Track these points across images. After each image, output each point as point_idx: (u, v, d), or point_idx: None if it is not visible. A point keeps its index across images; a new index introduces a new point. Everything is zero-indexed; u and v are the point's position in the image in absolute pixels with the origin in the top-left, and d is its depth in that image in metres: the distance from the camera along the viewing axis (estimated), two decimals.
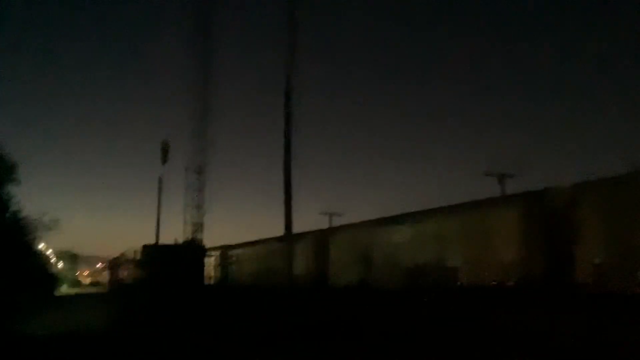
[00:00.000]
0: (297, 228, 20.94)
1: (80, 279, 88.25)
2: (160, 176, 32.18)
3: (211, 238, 33.64)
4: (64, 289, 53.05)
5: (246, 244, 30.38)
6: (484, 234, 13.57)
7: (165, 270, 21.88)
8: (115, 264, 43.47)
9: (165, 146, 30.35)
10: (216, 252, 32.57)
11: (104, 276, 65.01)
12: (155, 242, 29.38)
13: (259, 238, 28.71)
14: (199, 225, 25.54)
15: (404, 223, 16.39)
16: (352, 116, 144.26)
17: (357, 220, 20.49)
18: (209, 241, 27.72)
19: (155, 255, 23.56)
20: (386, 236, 17.17)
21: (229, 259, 32.03)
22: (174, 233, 28.99)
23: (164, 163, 30.77)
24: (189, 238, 25.39)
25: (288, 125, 18.68)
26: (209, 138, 25.95)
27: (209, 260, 30.09)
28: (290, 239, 19.12)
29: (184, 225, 25.62)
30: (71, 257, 72.08)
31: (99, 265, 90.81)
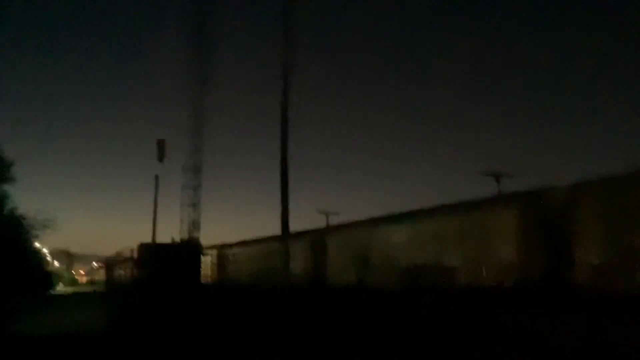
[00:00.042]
0: (294, 227, 20.92)
1: (77, 277, 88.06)
2: (156, 174, 32.12)
3: (208, 237, 33.52)
4: (60, 288, 52.89)
5: (243, 243, 30.27)
6: (481, 234, 13.51)
7: (161, 268, 21.79)
8: (111, 263, 43.30)
9: (162, 144, 30.26)
10: (213, 251, 32.47)
11: (100, 275, 64.87)
12: (151, 241, 29.29)
13: (257, 237, 28.64)
14: (196, 224, 25.53)
15: (403, 222, 16.32)
16: (349, 115, 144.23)
17: (354, 219, 20.41)
18: (206, 240, 27.68)
19: (151, 253, 23.45)
20: (385, 235, 17.12)
21: (226, 257, 31.94)
22: (170, 232, 28.89)
23: (161, 161, 30.68)
24: (186, 237, 25.35)
25: (284, 123, 18.64)
26: (206, 137, 25.91)
27: (205, 259, 30.01)
28: (287, 238, 19.08)
29: (181, 224, 25.60)
30: (67, 256, 71.90)
31: (95, 264, 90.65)
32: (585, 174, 12.10)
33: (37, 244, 40.77)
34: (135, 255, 25.09)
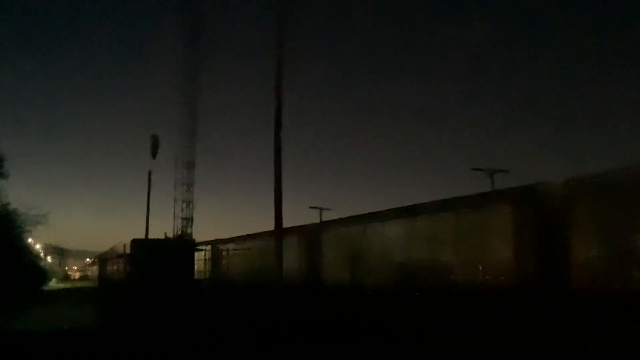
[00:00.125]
0: (287, 222, 20.86)
1: (70, 273, 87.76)
2: (149, 169, 32.03)
3: (201, 233, 33.43)
4: (53, 284, 52.71)
5: (237, 239, 30.23)
6: (477, 230, 13.44)
7: (154, 265, 21.71)
8: (104, 259, 43.18)
9: (155, 140, 30.14)
10: (207, 247, 32.40)
11: (93, 271, 64.65)
12: (144, 237, 29.20)
13: (251, 233, 28.60)
14: (189, 220, 25.46)
15: (398, 218, 16.27)
16: (342, 112, 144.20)
17: (348, 215, 20.40)
18: (199, 236, 27.63)
19: (144, 249, 23.36)
20: (381, 231, 17.09)
21: (220, 253, 31.89)
22: (163, 228, 28.86)
23: (154, 157, 30.57)
24: (179, 233, 25.29)
25: (278, 120, 18.56)
26: (199, 133, 25.85)
27: (199, 255, 29.95)
28: (281, 233, 19.03)
29: (174, 220, 25.54)
30: (60, 252, 71.64)
31: (88, 260, 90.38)
32: (579, 171, 12.08)
33: (30, 240, 40.61)
34: (128, 251, 25.02)
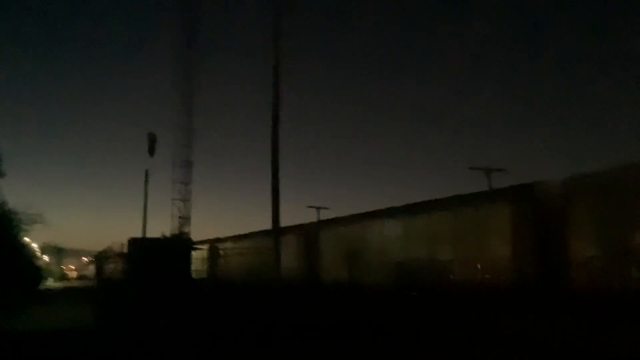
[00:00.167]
0: (285, 222, 20.88)
1: (67, 272, 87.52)
2: (146, 168, 31.93)
3: (199, 232, 33.33)
4: (50, 283, 52.58)
5: (235, 238, 30.25)
6: (475, 228, 13.40)
7: (152, 263, 21.68)
8: (101, 258, 43.10)
9: (152, 138, 30.05)
10: (204, 246, 32.39)
11: (91, 270, 64.51)
12: (142, 236, 29.12)
13: (249, 232, 28.63)
14: (186, 219, 25.40)
15: (397, 216, 16.25)
16: (340, 111, 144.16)
17: (346, 214, 20.40)
18: (196, 235, 27.60)
19: (142, 248, 23.31)
20: (379, 229, 17.07)
21: (217, 252, 31.88)
22: (161, 227, 28.79)
23: (151, 155, 30.48)
24: (176, 232, 25.23)
25: (275, 119, 18.54)
26: (196, 132, 25.79)
27: (197, 253, 29.92)
28: (279, 232, 19.03)
29: (171, 219, 25.48)
30: (57, 251, 71.47)
31: (85, 259, 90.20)
32: (575, 171, 12.07)
33: (27, 239, 40.47)
34: (125, 250, 24.97)
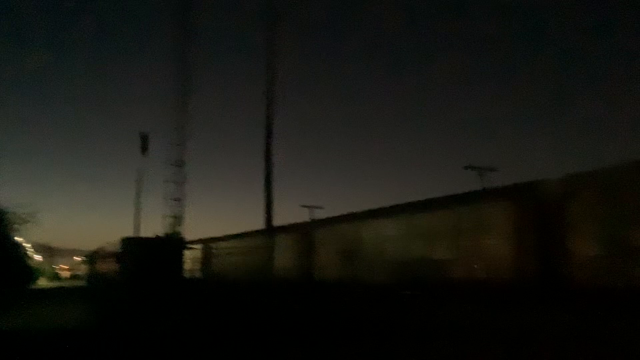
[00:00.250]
0: (278, 221, 20.80)
1: (59, 272, 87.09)
2: (139, 167, 31.80)
3: (192, 232, 33.19)
4: (42, 283, 52.28)
5: (229, 237, 30.11)
6: (473, 228, 13.31)
7: (144, 263, 21.54)
8: (93, 257, 42.86)
9: (144, 137, 29.95)
10: (198, 246, 32.25)
11: (83, 269, 64.21)
12: (134, 235, 28.97)
13: (242, 231, 28.51)
14: (179, 219, 25.27)
15: (393, 215, 16.14)
16: (333, 110, 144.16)
17: (339, 213, 20.30)
18: (189, 234, 27.46)
19: (134, 248, 23.16)
20: (376, 229, 16.97)
21: (211, 252, 31.76)
22: (154, 226, 28.64)
23: (144, 154, 30.38)
24: (169, 231, 25.11)
25: (269, 118, 18.49)
26: (189, 131, 25.67)
27: (190, 253, 29.77)
28: (273, 231, 18.95)
29: (163, 218, 25.35)
30: (49, 250, 71.10)
31: (77, 258, 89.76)
32: (570, 170, 11.98)
33: (19, 238, 40.15)
34: (117, 249, 24.80)
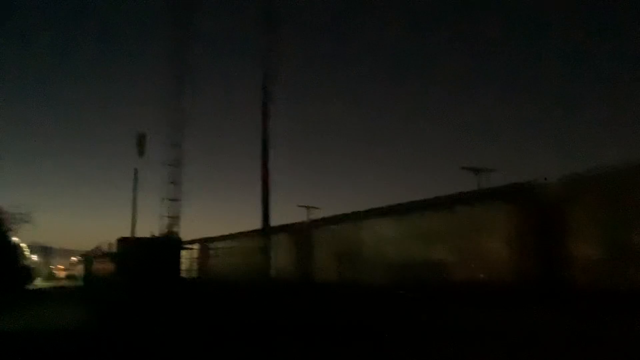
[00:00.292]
0: (275, 221, 20.84)
1: (55, 272, 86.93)
2: (135, 167, 31.80)
3: (189, 232, 33.19)
4: (38, 283, 52.20)
5: (225, 237, 30.09)
6: (470, 229, 13.30)
7: (140, 263, 21.58)
8: (90, 258, 42.84)
9: (142, 138, 29.95)
10: (195, 245, 32.25)
11: (79, 270, 64.08)
12: (131, 235, 29.00)
13: (240, 231, 28.53)
14: (176, 219, 25.31)
15: (392, 215, 16.14)
16: (330, 111, 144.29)
17: (338, 213, 20.31)
18: (186, 235, 27.51)
19: (130, 248, 23.19)
20: (373, 229, 16.98)
21: (208, 252, 31.77)
22: (150, 227, 28.68)
23: (141, 155, 30.38)
24: (165, 231, 25.15)
25: (265, 118, 18.54)
26: (186, 131, 25.74)
27: (186, 253, 29.79)
28: (270, 231, 18.99)
29: (160, 218, 25.38)
30: (45, 250, 71.00)
31: (74, 258, 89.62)
32: (567, 170, 11.92)
33: (15, 239, 40.13)
34: (114, 249, 24.85)
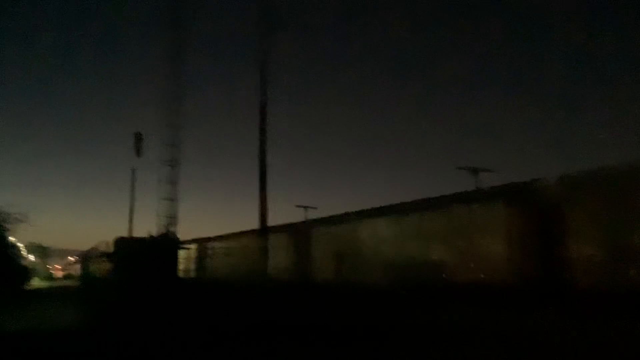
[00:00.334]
0: (273, 221, 20.81)
1: (53, 272, 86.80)
2: (132, 167, 31.72)
3: (186, 232, 33.16)
4: (36, 283, 52.12)
5: (223, 237, 30.03)
6: (469, 229, 13.26)
7: (138, 263, 21.53)
8: (87, 257, 42.74)
9: (139, 138, 29.84)
10: (193, 245, 32.21)
11: (77, 270, 64.00)
12: (128, 235, 28.94)
13: (238, 231, 28.48)
14: (173, 219, 25.23)
15: (390, 215, 16.09)
16: (326, 111, 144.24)
17: (337, 213, 20.25)
18: (184, 235, 27.46)
19: (128, 248, 23.15)
20: (371, 229, 16.93)
21: (206, 252, 31.72)
22: (148, 226, 28.60)
23: (138, 155, 30.28)
24: (163, 231, 25.08)
25: (263, 118, 18.50)
26: (184, 130, 25.69)
27: (184, 253, 29.73)
28: (268, 231, 18.96)
29: (158, 218, 25.31)
30: (42, 250, 70.81)
31: (71, 258, 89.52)
32: (561, 170, 11.90)
33: (12, 238, 40.01)
34: (111, 249, 24.79)
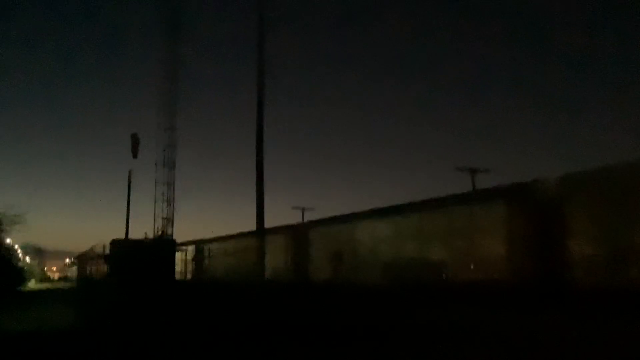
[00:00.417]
0: (270, 222, 20.78)
1: (49, 274, 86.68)
2: (129, 169, 31.61)
3: (183, 233, 33.04)
4: (32, 284, 51.99)
5: (220, 239, 29.98)
6: (468, 229, 13.22)
7: (134, 265, 21.47)
8: (83, 259, 42.64)
9: (135, 140, 29.77)
10: (188, 247, 32.14)
11: (73, 271, 63.92)
12: (124, 237, 28.85)
13: (235, 233, 28.44)
14: (169, 220, 25.18)
15: (389, 216, 16.06)
16: (324, 112, 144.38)
17: (333, 215, 20.21)
18: (180, 236, 27.43)
19: (124, 250, 23.08)
20: (369, 230, 16.90)
21: (203, 253, 31.67)
22: (144, 228, 28.52)
23: (135, 157, 30.20)
24: (159, 233, 25.02)
25: (260, 119, 18.47)
26: (180, 132, 25.69)
27: (180, 255, 29.68)
28: (265, 233, 18.91)
29: (154, 220, 25.26)
30: (38, 252, 70.70)
31: (67, 260, 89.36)
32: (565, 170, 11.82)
33: (8, 240, 39.92)
34: (107, 251, 24.72)
